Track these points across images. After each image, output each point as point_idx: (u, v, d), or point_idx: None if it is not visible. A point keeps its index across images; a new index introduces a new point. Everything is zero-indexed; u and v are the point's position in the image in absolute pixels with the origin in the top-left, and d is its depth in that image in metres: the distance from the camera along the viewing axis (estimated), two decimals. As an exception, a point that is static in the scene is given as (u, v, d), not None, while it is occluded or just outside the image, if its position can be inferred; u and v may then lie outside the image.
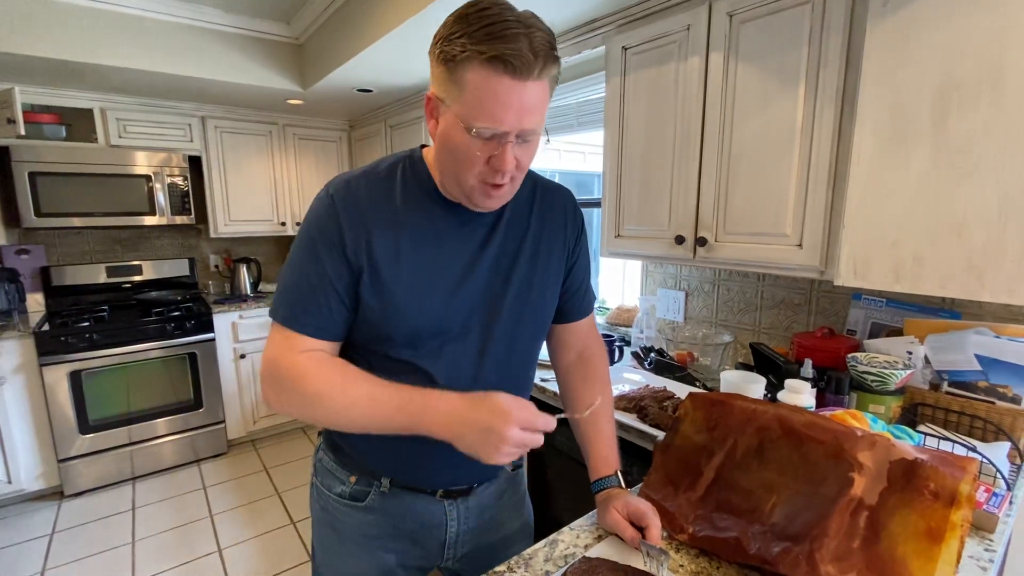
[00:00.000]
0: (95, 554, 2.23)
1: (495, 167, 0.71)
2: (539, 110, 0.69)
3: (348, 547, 0.92)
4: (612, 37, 1.67)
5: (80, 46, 2.19)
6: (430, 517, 0.91)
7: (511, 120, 0.67)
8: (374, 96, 2.86)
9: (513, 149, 0.70)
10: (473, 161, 0.71)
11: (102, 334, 2.66)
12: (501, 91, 0.65)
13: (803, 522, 0.73)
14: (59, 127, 2.71)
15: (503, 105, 0.66)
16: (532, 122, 0.69)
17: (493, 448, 0.67)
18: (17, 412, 2.50)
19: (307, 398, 0.75)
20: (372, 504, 0.90)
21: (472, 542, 0.96)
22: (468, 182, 0.74)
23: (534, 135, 0.72)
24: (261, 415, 3.26)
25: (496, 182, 0.73)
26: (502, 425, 0.66)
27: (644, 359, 1.86)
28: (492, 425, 0.66)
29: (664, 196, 1.58)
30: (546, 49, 0.66)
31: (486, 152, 0.70)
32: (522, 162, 0.74)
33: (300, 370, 0.75)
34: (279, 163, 3.37)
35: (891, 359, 1.25)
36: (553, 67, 0.68)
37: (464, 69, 0.66)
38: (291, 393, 0.76)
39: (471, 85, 0.66)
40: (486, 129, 0.67)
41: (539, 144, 0.76)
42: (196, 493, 2.72)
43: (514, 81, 0.65)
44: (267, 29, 2.60)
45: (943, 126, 0.98)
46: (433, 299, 0.80)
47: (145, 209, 2.92)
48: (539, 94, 0.68)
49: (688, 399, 0.98)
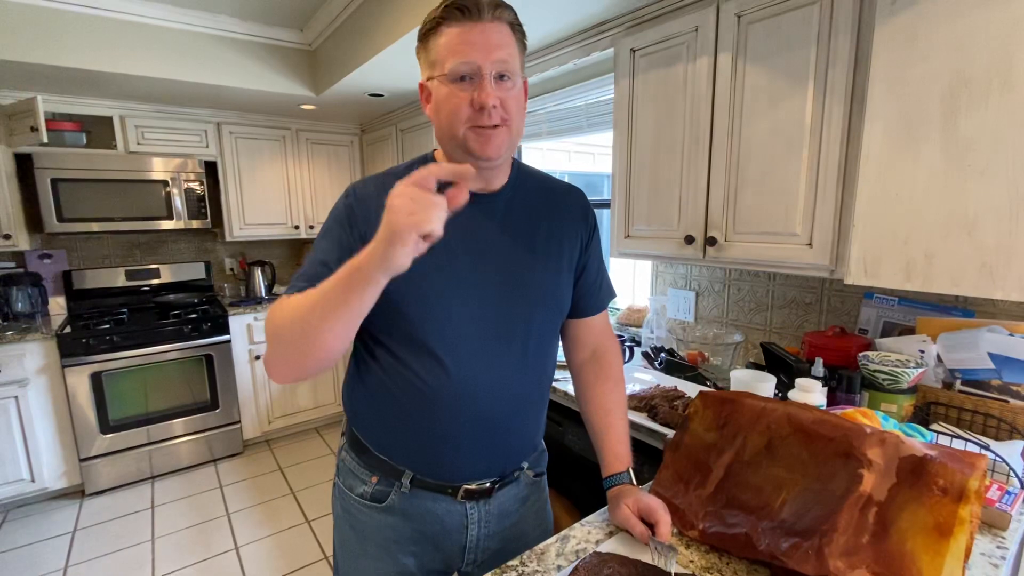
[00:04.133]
0: (116, 551, 2.29)
1: (479, 103, 0.75)
2: (504, 47, 0.76)
3: (368, 549, 0.92)
4: (620, 39, 1.68)
5: (101, 56, 2.25)
6: (450, 519, 0.91)
7: (478, 55, 0.74)
8: (385, 100, 2.89)
9: (493, 88, 0.75)
10: (459, 106, 0.76)
11: (122, 336, 2.72)
12: (465, 33, 0.75)
13: (812, 518, 0.74)
14: (80, 134, 2.78)
15: (468, 43, 0.74)
16: (500, 56, 0.75)
17: (391, 213, 0.60)
18: (40, 413, 2.57)
19: (274, 326, 0.74)
20: (393, 505, 0.90)
21: (492, 548, 0.95)
22: (460, 130, 0.78)
23: (509, 75, 0.77)
24: (276, 415, 3.31)
25: (484, 122, 0.76)
26: (390, 197, 0.61)
27: (655, 359, 1.87)
28: (390, 203, 0.61)
29: (673, 196, 1.59)
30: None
31: (467, 94, 0.76)
32: (506, 103, 0.77)
33: (273, 309, 0.76)
34: (292, 167, 3.43)
35: (903, 358, 1.25)
36: (504, 12, 0.77)
37: (436, 36, 0.77)
38: (269, 337, 0.75)
39: (442, 41, 0.76)
40: (459, 66, 0.74)
41: (523, 92, 0.82)
42: (213, 492, 2.77)
43: (472, 23, 0.75)
44: (281, 36, 2.65)
45: (953, 123, 0.98)
46: (448, 281, 0.82)
47: (163, 214, 2.99)
48: (501, 34, 0.76)
49: (698, 397, 0.99)
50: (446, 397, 0.83)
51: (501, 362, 0.86)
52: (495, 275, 0.85)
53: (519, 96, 0.81)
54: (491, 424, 0.87)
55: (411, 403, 0.85)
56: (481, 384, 0.85)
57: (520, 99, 0.81)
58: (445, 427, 0.85)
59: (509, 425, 0.90)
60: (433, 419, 0.85)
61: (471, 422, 0.85)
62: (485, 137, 0.77)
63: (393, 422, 0.87)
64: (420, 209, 0.59)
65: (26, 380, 2.50)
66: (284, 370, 0.75)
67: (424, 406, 0.84)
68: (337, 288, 0.66)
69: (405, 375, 0.84)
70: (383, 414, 0.88)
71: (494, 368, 0.86)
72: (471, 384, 0.84)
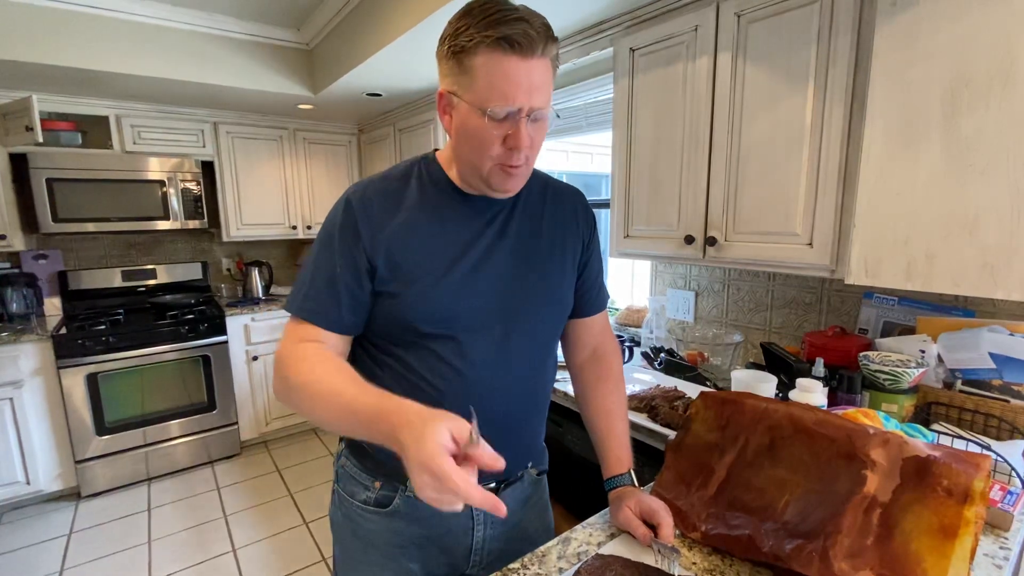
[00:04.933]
0: (112, 554, 2.27)
1: (511, 146, 0.74)
2: (546, 88, 0.73)
3: (372, 555, 0.90)
4: (620, 39, 1.68)
5: (97, 55, 2.23)
6: (457, 522, 0.90)
7: (522, 97, 0.71)
8: (383, 100, 2.88)
9: (528, 130, 0.73)
10: (490, 143, 0.74)
11: (118, 337, 2.70)
12: (510, 70, 0.69)
13: (816, 519, 0.73)
14: (75, 134, 2.76)
15: (513, 83, 0.70)
16: (541, 99, 0.73)
17: (425, 491, 0.57)
18: (35, 414, 2.55)
19: (292, 387, 0.75)
20: (398, 509, 0.88)
21: (498, 549, 0.94)
22: (486, 166, 0.76)
23: (543, 114, 0.75)
24: (273, 417, 3.30)
25: (513, 163, 0.75)
26: (418, 472, 0.57)
27: (654, 359, 1.86)
28: (421, 461, 0.57)
29: (673, 196, 1.58)
30: (545, 30, 0.71)
31: (501, 132, 0.73)
32: (535, 140, 0.76)
33: (294, 359, 0.76)
34: (290, 167, 3.41)
35: (904, 358, 1.24)
36: (553, 46, 0.73)
37: (474, 56, 0.70)
38: (283, 380, 0.76)
39: (482, 70, 0.70)
40: (500, 109, 0.71)
41: (548, 125, 0.79)
42: (210, 494, 2.75)
43: (521, 59, 0.69)
44: (278, 35, 2.64)
45: (954, 123, 0.98)
46: (454, 286, 0.81)
47: (159, 214, 2.97)
48: (544, 72, 0.73)
49: (699, 398, 0.99)
50: (457, 400, 0.82)
51: (509, 364, 0.86)
52: (501, 278, 0.85)
53: (546, 127, 0.78)
54: (501, 425, 0.86)
55: None
56: (491, 386, 0.84)
57: (546, 129, 0.79)
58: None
59: (518, 425, 0.90)
60: None
61: (481, 424, 0.84)
62: (510, 175, 0.77)
63: None
64: (447, 502, 0.57)
65: (21, 381, 2.48)
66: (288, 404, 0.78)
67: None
68: (360, 426, 0.68)
69: (413, 380, 0.83)
70: None
71: (503, 370, 0.85)
72: (481, 386, 0.83)
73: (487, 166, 0.76)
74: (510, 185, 0.79)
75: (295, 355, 0.77)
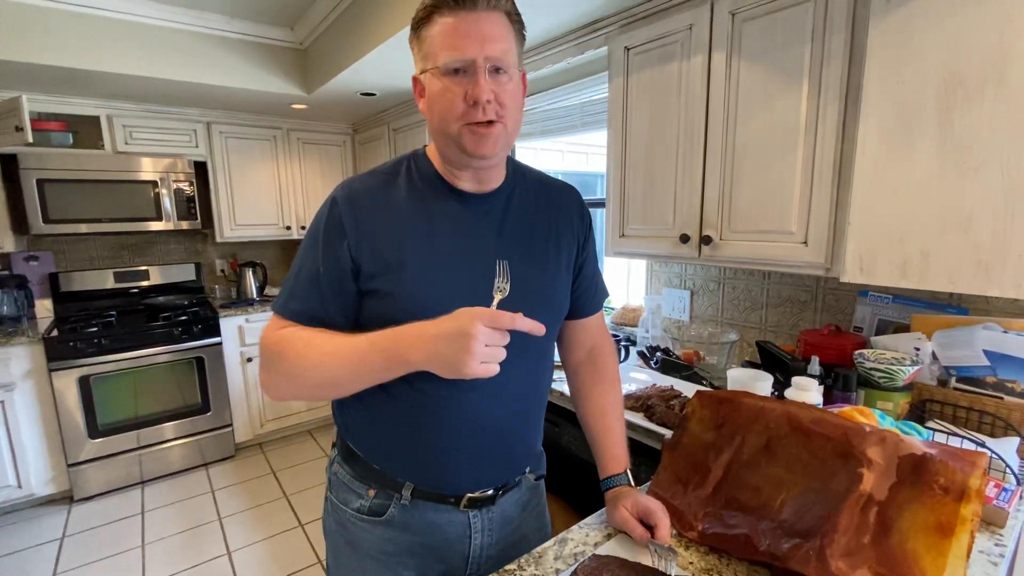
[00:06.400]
0: (105, 558, 2.25)
1: (472, 98, 0.72)
2: (502, 40, 0.73)
3: (366, 564, 0.89)
4: (615, 37, 1.68)
5: (86, 54, 2.21)
6: (453, 529, 0.88)
7: (472, 48, 0.71)
8: (377, 100, 2.87)
9: (487, 82, 0.72)
10: (452, 102, 0.73)
11: (110, 339, 2.68)
12: (459, 24, 0.71)
13: (813, 518, 0.73)
14: (66, 134, 2.74)
15: (462, 35, 0.71)
16: (496, 49, 0.72)
17: (466, 351, 0.63)
18: (27, 417, 2.52)
19: (289, 364, 0.75)
20: (392, 518, 0.86)
21: (495, 556, 0.93)
22: (453, 128, 0.75)
23: (505, 69, 0.74)
24: (268, 418, 3.28)
25: (478, 118, 0.73)
26: (468, 323, 0.64)
27: (650, 358, 1.86)
28: (459, 327, 0.64)
29: (668, 195, 1.58)
30: None
31: (461, 89, 0.73)
32: (501, 98, 0.74)
33: (282, 342, 0.76)
34: (284, 167, 3.39)
35: (898, 355, 1.25)
36: (502, 0, 0.74)
37: (430, 27, 0.73)
38: (276, 366, 0.77)
39: (436, 35, 0.73)
40: (452, 61, 0.72)
41: (520, 86, 0.79)
42: (204, 496, 2.73)
43: (468, 12, 0.71)
44: (271, 35, 2.62)
45: (948, 121, 0.98)
46: (444, 285, 0.79)
47: (152, 214, 2.95)
48: (497, 24, 0.73)
49: (695, 397, 0.99)
50: (451, 407, 0.81)
51: (505, 369, 0.84)
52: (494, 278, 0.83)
53: (515, 91, 0.77)
54: (496, 431, 0.85)
55: (414, 415, 0.82)
56: (486, 392, 0.82)
57: (516, 94, 0.78)
58: (449, 437, 0.83)
59: (514, 431, 0.89)
60: (437, 430, 0.82)
61: (477, 431, 0.83)
62: (479, 135, 0.75)
63: (393, 434, 0.84)
64: (493, 359, 0.65)
65: (12, 384, 2.46)
66: (288, 395, 0.79)
67: (428, 418, 0.82)
68: (376, 367, 0.71)
69: (406, 388, 0.80)
70: (382, 426, 0.85)
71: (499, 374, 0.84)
72: (476, 392, 0.82)
73: (454, 128, 0.75)
74: (482, 147, 0.76)
75: (283, 335, 0.77)
